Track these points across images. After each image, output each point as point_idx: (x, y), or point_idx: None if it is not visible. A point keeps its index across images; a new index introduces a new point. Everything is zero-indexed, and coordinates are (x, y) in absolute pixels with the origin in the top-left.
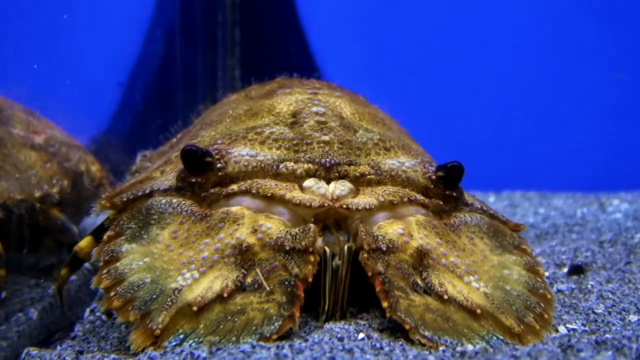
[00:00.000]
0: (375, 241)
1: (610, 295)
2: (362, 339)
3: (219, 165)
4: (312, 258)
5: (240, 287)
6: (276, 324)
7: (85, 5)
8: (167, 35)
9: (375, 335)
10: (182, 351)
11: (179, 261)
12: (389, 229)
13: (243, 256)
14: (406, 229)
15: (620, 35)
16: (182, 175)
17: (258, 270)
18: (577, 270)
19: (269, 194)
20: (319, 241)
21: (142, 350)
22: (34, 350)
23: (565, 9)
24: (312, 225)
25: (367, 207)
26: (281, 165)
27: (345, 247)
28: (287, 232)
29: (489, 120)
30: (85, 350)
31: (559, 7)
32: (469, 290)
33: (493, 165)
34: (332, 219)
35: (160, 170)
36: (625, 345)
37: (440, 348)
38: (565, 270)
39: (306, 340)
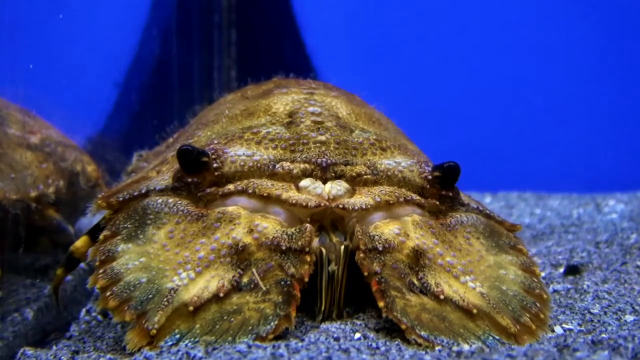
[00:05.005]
0: (371, 241)
1: (606, 296)
2: (359, 338)
3: (215, 165)
4: (308, 258)
5: (236, 287)
6: (272, 323)
7: (81, 5)
8: (164, 35)
9: (372, 335)
10: (178, 351)
11: (175, 261)
12: (385, 228)
13: (239, 256)
14: (402, 229)
15: (617, 37)
16: (178, 175)
17: (254, 270)
18: (573, 270)
19: (265, 194)
20: (316, 241)
21: (138, 350)
22: (29, 350)
23: (562, 10)
24: (308, 225)
25: (364, 207)
26: (277, 165)
27: (342, 247)
28: (283, 232)
29: (485, 121)
30: (81, 350)
31: (555, 8)
32: (465, 290)
33: (489, 166)
34: (329, 219)
35: (157, 170)
36: (621, 345)
37: (437, 348)
38: (561, 270)
39: (302, 340)
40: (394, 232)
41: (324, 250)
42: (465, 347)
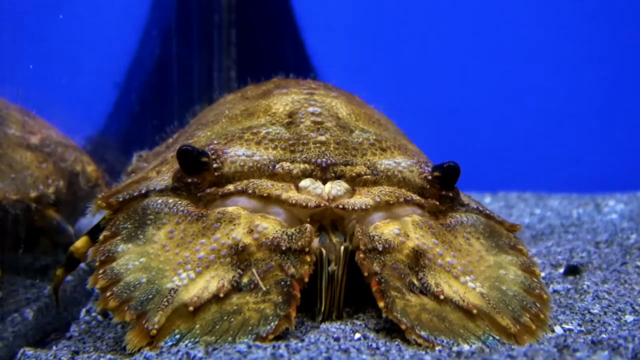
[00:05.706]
0: (371, 241)
1: (606, 296)
2: (359, 339)
3: (215, 165)
4: (308, 258)
5: (236, 287)
6: (272, 324)
7: (81, 5)
8: (163, 35)
9: (372, 335)
10: (178, 351)
11: (175, 261)
12: (385, 229)
13: (239, 256)
14: (402, 229)
15: (616, 37)
16: (178, 175)
17: (254, 270)
18: (573, 270)
19: (265, 194)
20: (316, 241)
21: (138, 351)
22: (29, 351)
23: (562, 10)
24: (308, 225)
25: (363, 207)
26: (277, 166)
27: (342, 247)
28: (283, 232)
29: (485, 121)
30: (81, 350)
31: (555, 9)
32: (465, 291)
33: (489, 166)
34: (329, 219)
35: (157, 170)
36: (622, 345)
37: (437, 348)
38: (561, 270)
39: (302, 340)
40: (394, 233)
41: (324, 251)
42: (465, 347)
